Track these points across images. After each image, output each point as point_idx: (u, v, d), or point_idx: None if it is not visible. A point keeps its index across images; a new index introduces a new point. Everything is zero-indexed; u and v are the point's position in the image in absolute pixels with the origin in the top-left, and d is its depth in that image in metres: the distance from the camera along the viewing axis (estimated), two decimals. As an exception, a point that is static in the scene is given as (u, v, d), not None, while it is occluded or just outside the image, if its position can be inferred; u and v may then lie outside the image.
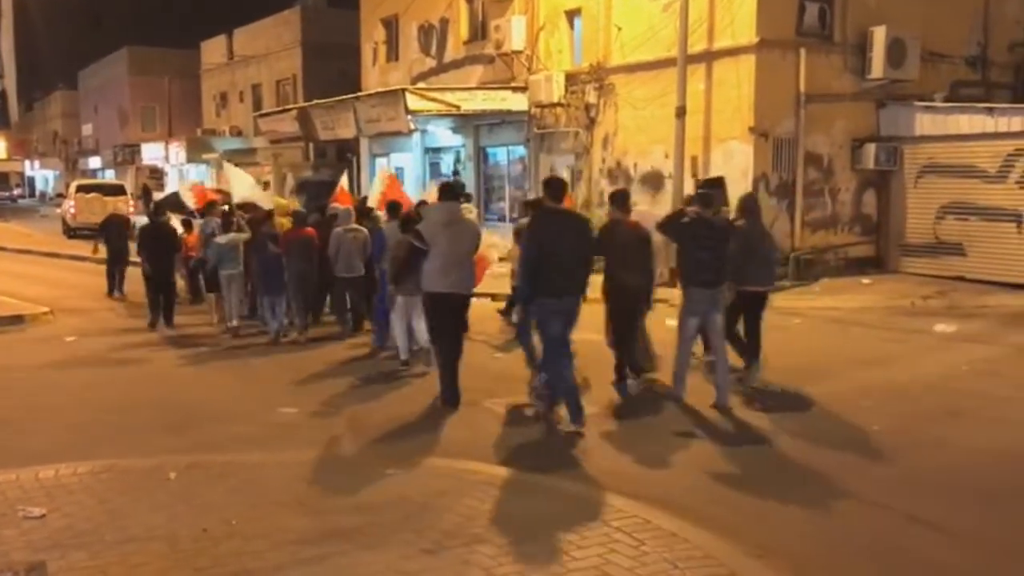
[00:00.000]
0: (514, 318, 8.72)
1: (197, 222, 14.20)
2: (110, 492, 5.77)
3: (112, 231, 16.23)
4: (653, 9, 17.43)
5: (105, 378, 9.65)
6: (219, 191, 16.93)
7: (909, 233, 16.94)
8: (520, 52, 20.54)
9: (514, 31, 20.31)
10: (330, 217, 12.22)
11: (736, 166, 16.23)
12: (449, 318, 8.02)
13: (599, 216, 18.54)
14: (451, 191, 8.56)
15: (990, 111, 15.64)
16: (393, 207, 10.88)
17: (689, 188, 16.76)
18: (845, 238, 17.17)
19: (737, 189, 16.14)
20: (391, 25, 26.44)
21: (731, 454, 6.78)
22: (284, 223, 12.33)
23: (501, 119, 21.15)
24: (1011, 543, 5.12)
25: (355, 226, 11.51)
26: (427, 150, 24.93)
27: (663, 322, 12.89)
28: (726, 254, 7.98)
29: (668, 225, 8.50)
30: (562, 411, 7.39)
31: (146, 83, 47.69)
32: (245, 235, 12.25)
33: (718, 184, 9.95)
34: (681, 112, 16.08)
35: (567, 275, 7.21)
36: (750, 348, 8.83)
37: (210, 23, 42.47)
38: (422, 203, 11.27)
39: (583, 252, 7.42)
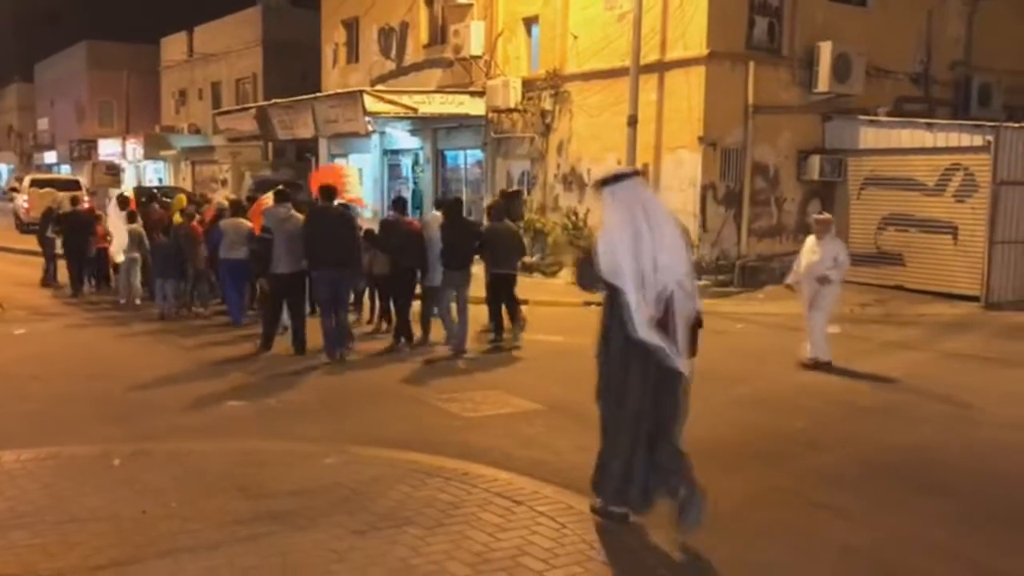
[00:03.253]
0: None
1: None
2: (54, 477, 5.91)
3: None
4: (608, 19, 17.81)
5: (53, 369, 9.72)
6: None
7: (852, 243, 17.30)
8: (479, 57, 20.82)
9: (473, 36, 20.59)
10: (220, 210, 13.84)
11: (685, 174, 16.65)
12: (285, 289, 10.55)
13: (552, 221, 18.93)
14: (283, 195, 11.02)
15: (929, 126, 16.20)
16: (236, 207, 13.23)
17: (640, 195, 17.16)
18: (790, 246, 17.52)
19: (686, 197, 16.69)
20: (352, 27, 26.60)
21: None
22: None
23: (459, 123, 21.41)
24: (904, 526, 5.49)
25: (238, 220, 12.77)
26: (386, 152, 25.11)
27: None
28: (470, 248, 10.81)
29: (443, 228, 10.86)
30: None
31: (104, 78, 47.26)
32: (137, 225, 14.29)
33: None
34: (633, 121, 16.43)
35: (330, 254, 9.96)
36: (511, 314, 11.47)
37: (171, 19, 42.25)
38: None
39: (343, 238, 10.11)
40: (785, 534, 5.34)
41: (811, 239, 10.39)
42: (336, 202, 10.93)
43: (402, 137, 23.99)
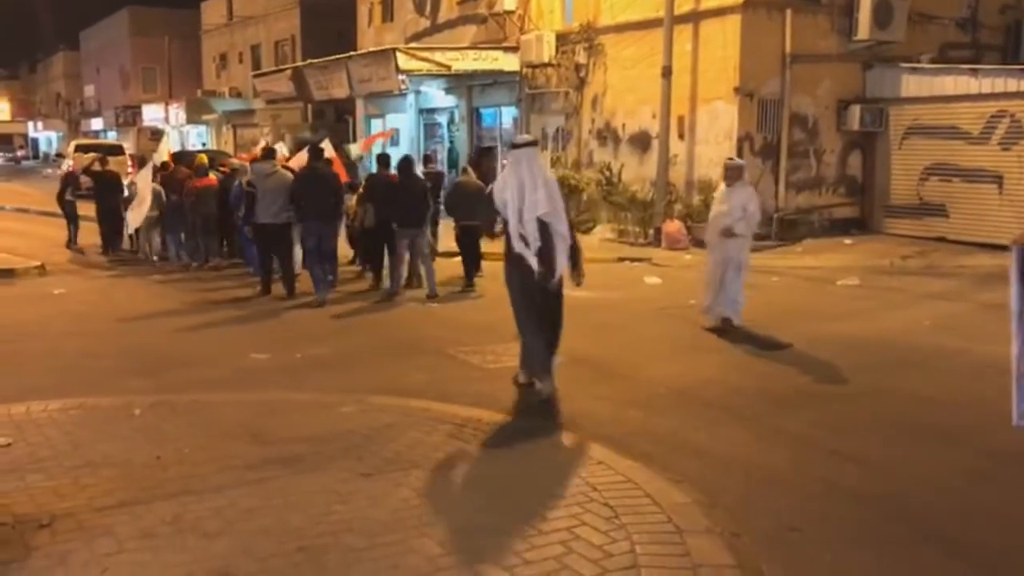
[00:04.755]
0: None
1: None
2: (75, 426, 6.03)
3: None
4: (642, -31, 17.44)
5: (85, 326, 9.92)
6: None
7: (893, 194, 17.05)
8: (512, 12, 20.59)
9: (506, -9, 20.35)
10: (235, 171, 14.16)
11: (721, 126, 16.35)
12: (269, 239, 11.64)
13: (587, 177, 18.73)
14: (270, 152, 12.52)
15: (974, 72, 15.66)
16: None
17: (676, 148, 16.93)
18: (830, 199, 17.29)
19: (722, 149, 16.40)
20: (386, -15, 26.46)
21: (668, 396, 7.03)
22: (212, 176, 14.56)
23: (493, 79, 21.23)
24: (921, 473, 5.37)
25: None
26: (421, 111, 25.04)
27: (641, 279, 13.23)
28: (422, 204, 11.57)
29: (384, 189, 11.88)
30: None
31: (147, 44, 47.73)
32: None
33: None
34: (667, 72, 16.17)
35: (317, 209, 11.12)
36: (472, 264, 12.19)
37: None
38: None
39: (328, 194, 11.26)
40: (795, 479, 5.26)
41: (722, 187, 9.47)
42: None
43: (437, 96, 23.87)
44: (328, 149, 12.91)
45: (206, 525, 4.35)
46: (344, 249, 13.62)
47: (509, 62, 20.36)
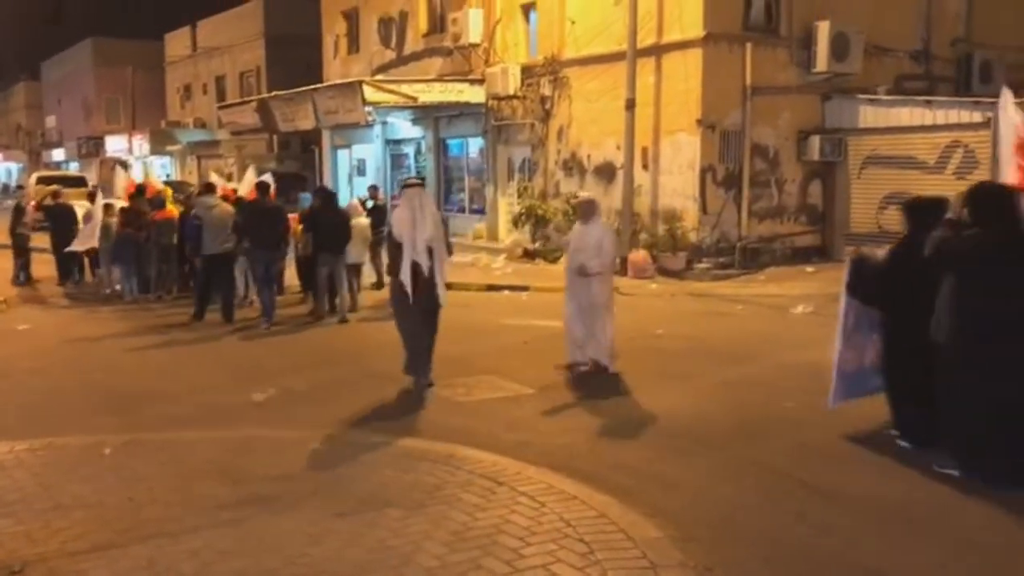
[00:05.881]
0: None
1: None
2: (44, 467, 5.98)
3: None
4: (605, 3, 17.73)
5: (51, 362, 9.84)
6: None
7: (853, 223, 17.38)
8: (477, 45, 20.78)
9: (471, 24, 20.54)
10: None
11: (684, 157, 16.60)
12: (215, 269, 12.38)
13: (553, 207, 18.92)
14: (210, 187, 13.59)
15: (929, 104, 16.10)
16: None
17: (640, 179, 17.16)
18: (791, 228, 17.59)
19: (685, 180, 16.66)
20: (352, 17, 26.60)
21: (639, 426, 7.14)
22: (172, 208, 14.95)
23: (460, 111, 21.39)
24: (890, 504, 5.47)
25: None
26: (388, 142, 25.15)
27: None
28: (345, 232, 12.54)
29: (309, 219, 12.80)
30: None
31: (110, 74, 47.36)
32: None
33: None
34: (631, 105, 16.43)
35: (264, 238, 11.89)
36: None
37: (175, 14, 42.33)
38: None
39: (274, 225, 12.04)
40: (766, 509, 5.35)
41: (577, 225, 9.16)
42: None
43: (404, 127, 24.00)
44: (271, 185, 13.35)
45: (182, 568, 4.35)
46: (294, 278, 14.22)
47: (475, 94, 20.54)
